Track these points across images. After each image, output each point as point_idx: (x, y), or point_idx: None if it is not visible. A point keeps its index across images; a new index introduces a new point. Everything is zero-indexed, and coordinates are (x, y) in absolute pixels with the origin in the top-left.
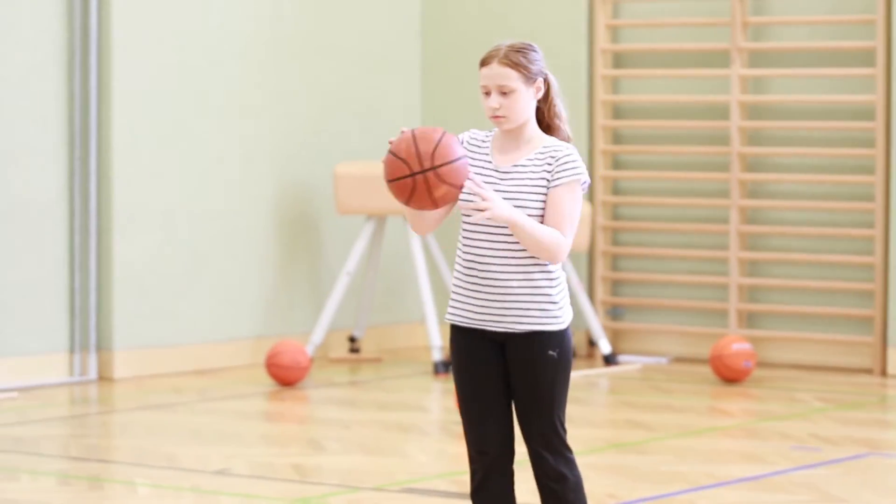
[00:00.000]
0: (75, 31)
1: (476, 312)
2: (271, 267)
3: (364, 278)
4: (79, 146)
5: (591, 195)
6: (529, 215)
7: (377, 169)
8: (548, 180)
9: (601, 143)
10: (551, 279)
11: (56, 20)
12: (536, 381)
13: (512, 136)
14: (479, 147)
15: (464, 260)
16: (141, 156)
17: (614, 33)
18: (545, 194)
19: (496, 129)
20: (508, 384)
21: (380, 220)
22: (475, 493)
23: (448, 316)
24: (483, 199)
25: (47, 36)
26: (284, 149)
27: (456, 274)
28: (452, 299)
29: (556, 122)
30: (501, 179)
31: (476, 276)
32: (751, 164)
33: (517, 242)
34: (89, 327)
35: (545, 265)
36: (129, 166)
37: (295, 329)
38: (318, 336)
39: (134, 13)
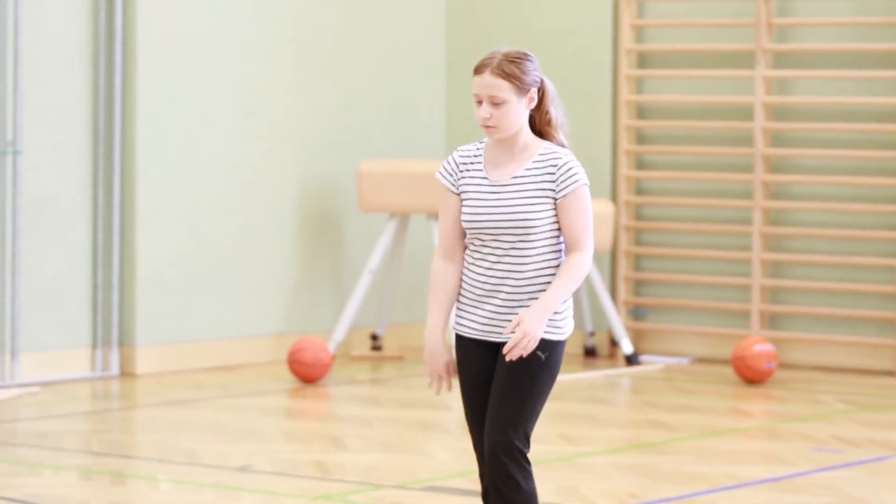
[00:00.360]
0: (100, 28)
1: (480, 324)
2: (294, 264)
3: (387, 276)
4: (103, 142)
5: (614, 195)
6: (536, 223)
7: (401, 167)
8: (553, 190)
9: (625, 143)
10: None
11: (81, 17)
12: (518, 375)
13: (506, 147)
14: (471, 163)
15: (469, 274)
16: (164, 152)
17: (639, 33)
18: (551, 200)
19: (487, 140)
20: None
21: (403, 217)
22: (486, 496)
23: (455, 326)
24: (520, 339)
25: (72, 33)
26: (308, 146)
27: (462, 287)
28: (458, 310)
29: (547, 129)
30: (501, 193)
31: (481, 292)
32: (774, 166)
33: (523, 259)
34: (112, 323)
35: (551, 280)
36: (152, 163)
37: (317, 326)
38: (340, 333)
39: (158, 10)
